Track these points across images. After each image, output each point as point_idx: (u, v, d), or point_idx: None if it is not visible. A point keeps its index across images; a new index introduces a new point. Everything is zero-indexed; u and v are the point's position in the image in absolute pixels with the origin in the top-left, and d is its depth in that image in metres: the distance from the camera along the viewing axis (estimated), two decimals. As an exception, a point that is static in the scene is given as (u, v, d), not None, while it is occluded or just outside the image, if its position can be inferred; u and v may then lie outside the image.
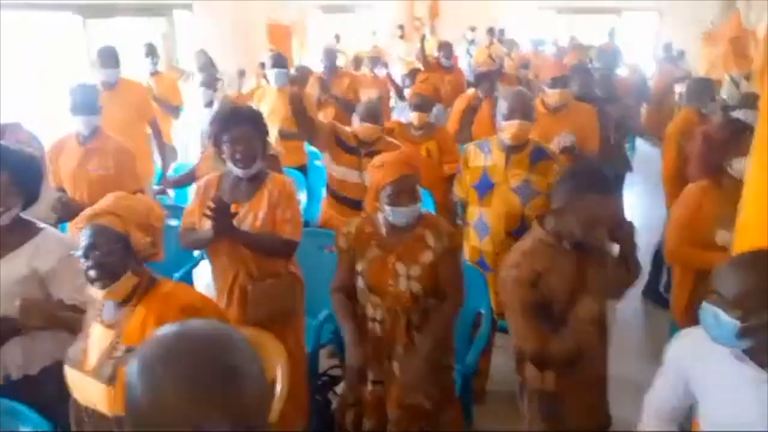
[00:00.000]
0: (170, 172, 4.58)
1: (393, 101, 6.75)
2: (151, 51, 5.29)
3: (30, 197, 2.16)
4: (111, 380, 1.69)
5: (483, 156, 2.95)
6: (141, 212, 1.83)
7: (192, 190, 2.67)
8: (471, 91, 5.41)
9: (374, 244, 2.31)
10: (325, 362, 3.28)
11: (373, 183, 2.30)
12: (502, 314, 2.97)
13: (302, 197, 4.61)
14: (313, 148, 3.68)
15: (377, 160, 2.35)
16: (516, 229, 2.87)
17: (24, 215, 2.15)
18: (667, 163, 3.92)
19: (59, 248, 2.12)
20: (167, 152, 4.46)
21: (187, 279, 3.72)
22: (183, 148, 4.92)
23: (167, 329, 0.91)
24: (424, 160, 4.03)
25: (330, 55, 5.47)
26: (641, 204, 6.71)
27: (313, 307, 3.31)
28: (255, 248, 2.43)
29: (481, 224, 2.94)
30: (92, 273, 1.73)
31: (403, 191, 2.21)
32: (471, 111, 5.31)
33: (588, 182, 1.88)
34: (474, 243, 2.99)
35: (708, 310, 1.46)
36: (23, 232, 2.11)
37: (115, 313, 1.80)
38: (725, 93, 6.53)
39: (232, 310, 2.53)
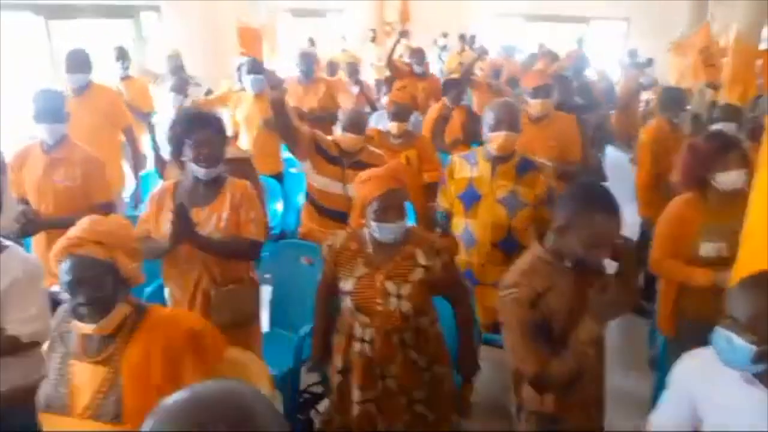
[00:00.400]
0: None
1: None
2: (121, 55, 5.09)
3: None
4: (116, 418, 1.59)
5: (469, 167, 2.90)
6: (123, 236, 1.73)
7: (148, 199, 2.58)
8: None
9: (361, 262, 2.23)
10: (305, 379, 3.17)
11: (359, 198, 2.24)
12: (488, 327, 2.95)
13: (278, 206, 4.49)
14: (292, 156, 3.54)
15: (364, 174, 2.27)
16: (502, 240, 2.83)
17: None
18: (641, 172, 3.95)
19: (17, 270, 1.98)
20: (140, 161, 4.28)
21: (159, 294, 3.57)
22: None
23: (179, 397, 0.82)
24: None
25: (307, 59, 5.35)
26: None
27: (293, 321, 3.22)
28: (221, 253, 2.42)
29: (467, 236, 2.89)
30: (83, 310, 1.62)
31: (389, 207, 2.14)
32: (442, 120, 5.29)
33: (593, 199, 1.84)
34: (460, 255, 2.93)
35: (721, 334, 1.42)
36: None
37: (102, 347, 1.68)
38: (694, 102, 6.68)
39: None
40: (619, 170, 7.80)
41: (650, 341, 3.93)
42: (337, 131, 3.35)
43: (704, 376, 1.56)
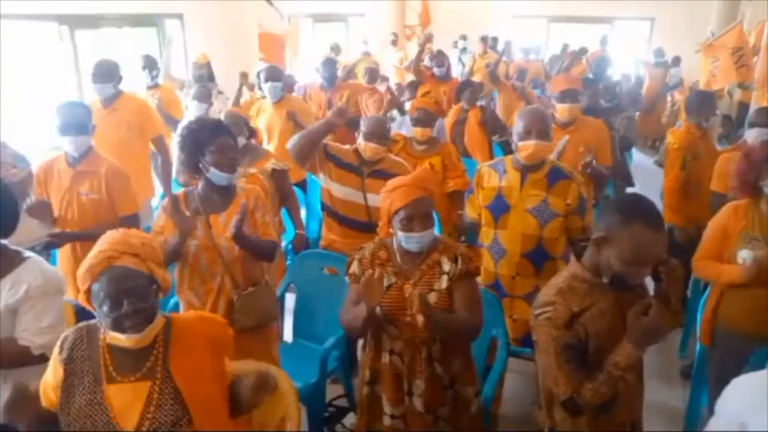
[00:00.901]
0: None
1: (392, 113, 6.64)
2: (149, 63, 5.08)
3: (5, 227, 2.03)
4: (175, 426, 1.64)
5: (497, 176, 2.82)
6: (155, 248, 1.75)
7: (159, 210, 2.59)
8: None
9: (390, 272, 2.18)
10: (330, 391, 3.12)
11: (385, 207, 2.19)
12: (518, 340, 2.87)
13: (301, 214, 4.45)
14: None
15: (391, 183, 2.23)
16: (532, 251, 2.75)
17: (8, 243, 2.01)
18: (670, 178, 3.83)
19: (36, 280, 1.96)
20: (169, 171, 4.26)
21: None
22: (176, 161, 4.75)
23: None
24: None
25: (330, 66, 5.31)
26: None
27: (317, 332, 3.17)
28: (258, 251, 2.49)
29: (497, 247, 2.81)
30: (129, 322, 1.61)
31: (416, 216, 2.10)
32: (460, 123, 5.23)
33: (637, 212, 1.72)
34: (489, 266, 2.86)
35: None
36: (4, 263, 1.97)
37: (139, 363, 1.67)
38: (724, 104, 6.51)
39: None
40: (644, 173, 7.65)
41: (681, 350, 3.82)
42: (360, 140, 3.29)
43: (754, 403, 1.46)
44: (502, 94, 6.65)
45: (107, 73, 3.90)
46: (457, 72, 9.68)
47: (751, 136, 3.43)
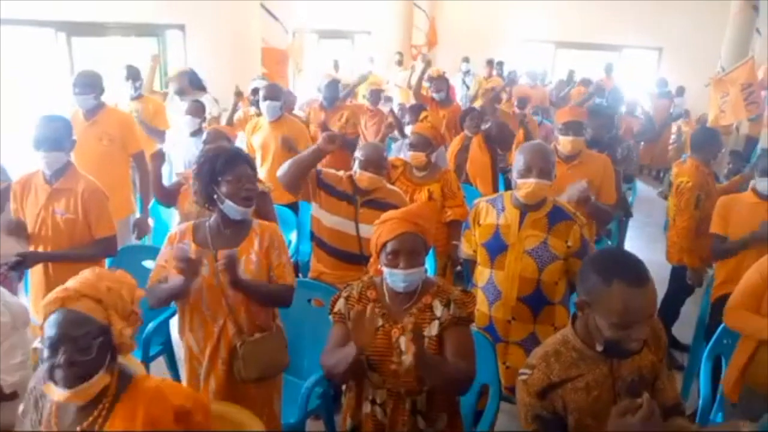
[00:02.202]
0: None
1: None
2: (131, 74, 4.94)
3: None
4: None
5: (495, 213, 2.67)
6: (124, 298, 1.56)
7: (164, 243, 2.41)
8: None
9: (378, 313, 2.02)
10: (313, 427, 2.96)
11: (374, 240, 2.06)
12: (511, 389, 2.70)
13: (292, 236, 4.31)
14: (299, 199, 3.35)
15: (383, 216, 2.09)
16: (529, 295, 2.60)
17: None
18: (684, 218, 3.71)
19: (4, 316, 1.83)
20: (148, 189, 4.12)
21: (164, 328, 3.40)
22: (166, 176, 4.61)
23: None
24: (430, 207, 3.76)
25: (332, 87, 5.18)
26: (642, 249, 6.48)
27: (300, 365, 3.01)
28: (266, 298, 2.30)
29: (492, 288, 2.66)
30: (59, 372, 1.44)
31: (402, 251, 1.96)
32: (463, 151, 5.11)
33: (613, 269, 1.58)
34: (483, 308, 2.70)
35: None
36: None
37: (78, 418, 1.51)
38: (732, 139, 6.41)
39: (216, 372, 2.30)
40: (648, 205, 7.54)
41: (684, 392, 3.64)
42: (355, 167, 3.14)
43: None
44: (503, 119, 6.52)
45: (88, 84, 3.75)
46: (461, 95, 9.60)
47: (765, 186, 3.24)
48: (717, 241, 3.28)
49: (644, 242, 6.61)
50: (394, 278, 1.98)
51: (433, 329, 1.99)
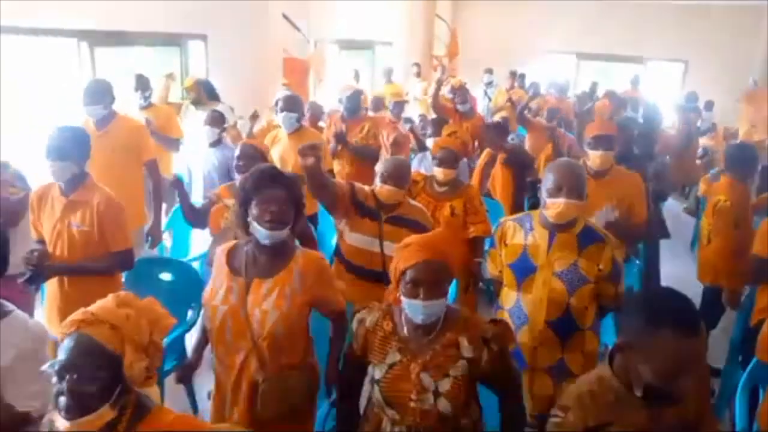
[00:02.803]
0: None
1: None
2: (141, 84, 4.89)
3: None
4: None
5: (523, 233, 2.55)
6: (143, 328, 1.47)
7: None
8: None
9: (395, 346, 1.92)
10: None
11: (392, 266, 1.94)
12: (535, 418, 2.58)
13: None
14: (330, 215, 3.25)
15: (404, 240, 1.97)
16: (558, 320, 2.46)
17: None
18: (724, 239, 3.55)
19: (21, 341, 1.76)
20: (160, 197, 4.06)
21: (179, 343, 3.34)
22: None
23: None
24: (448, 222, 3.66)
25: (355, 98, 5.10)
26: (668, 265, 6.29)
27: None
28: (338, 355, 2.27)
29: (518, 312, 2.54)
30: (62, 401, 1.37)
31: (423, 281, 1.83)
32: (489, 166, 5.01)
33: (665, 314, 1.44)
34: (508, 332, 2.58)
35: None
36: None
37: None
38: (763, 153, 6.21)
39: (238, 406, 2.18)
40: (673, 221, 7.32)
41: (719, 410, 3.47)
42: (377, 181, 3.06)
43: None
44: (531, 134, 6.41)
45: (97, 94, 3.70)
46: (482, 106, 9.50)
47: None
48: (758, 264, 3.12)
49: (668, 258, 6.41)
50: (413, 309, 1.86)
51: (458, 369, 1.87)
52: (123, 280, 3.30)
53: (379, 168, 3.10)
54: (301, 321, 2.19)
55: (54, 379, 1.40)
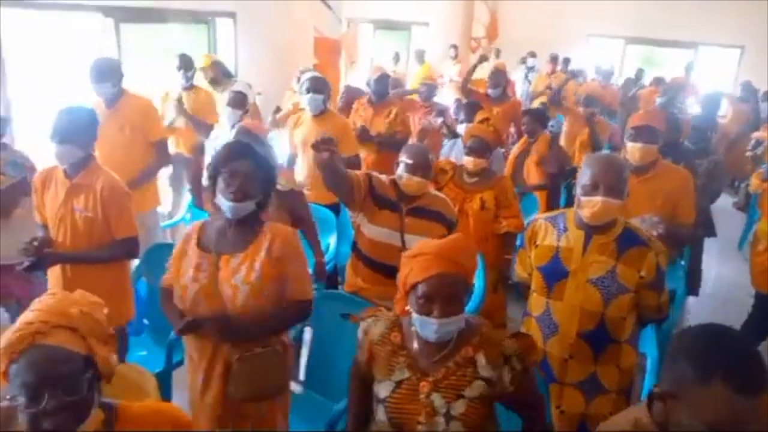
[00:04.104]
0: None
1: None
2: (183, 63, 4.77)
3: None
4: None
5: (555, 233, 2.30)
6: (100, 320, 1.38)
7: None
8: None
9: (403, 362, 1.72)
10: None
11: (402, 277, 1.73)
12: (565, 434, 2.36)
13: (331, 239, 4.07)
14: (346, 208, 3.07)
15: (416, 248, 1.76)
16: (591, 331, 2.22)
17: None
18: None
19: None
20: (156, 167, 3.93)
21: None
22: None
23: None
24: (478, 216, 3.43)
25: (382, 82, 4.86)
26: (715, 265, 5.93)
27: (330, 386, 2.76)
28: (273, 332, 2.12)
29: (547, 320, 2.30)
30: (51, 421, 1.23)
31: (437, 297, 1.63)
32: (524, 153, 4.73)
33: (718, 363, 1.19)
34: (536, 341, 2.34)
35: None
36: None
37: None
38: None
39: (212, 387, 2.13)
40: (722, 216, 6.91)
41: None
42: (399, 170, 2.84)
43: None
44: (569, 120, 6.08)
45: (105, 73, 3.55)
46: (522, 90, 9.15)
47: None
48: None
49: (715, 257, 6.05)
50: (426, 328, 1.66)
51: (475, 390, 1.65)
52: (135, 266, 3.21)
53: (402, 157, 2.87)
54: (273, 295, 2.10)
55: (23, 404, 1.24)
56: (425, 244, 1.75)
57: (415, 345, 1.72)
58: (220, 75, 5.21)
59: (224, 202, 2.04)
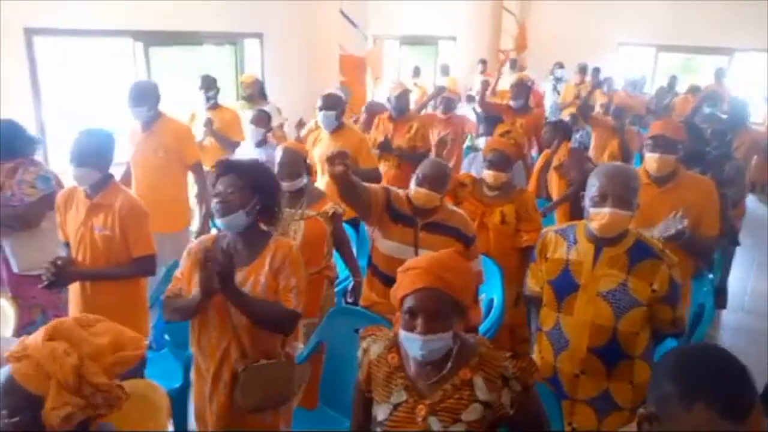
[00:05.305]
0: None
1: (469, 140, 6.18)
2: (206, 83, 4.91)
3: None
4: None
5: (565, 246, 2.26)
6: (70, 367, 1.29)
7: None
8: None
9: (401, 384, 1.69)
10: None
11: (392, 292, 1.72)
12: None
13: (352, 254, 4.08)
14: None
15: (409, 262, 1.74)
16: (603, 346, 2.17)
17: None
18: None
19: None
20: (208, 200, 4.01)
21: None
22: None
23: None
24: (498, 230, 3.39)
25: (402, 99, 4.88)
26: (752, 279, 5.72)
27: (344, 400, 2.74)
28: (255, 315, 2.09)
29: (558, 335, 2.26)
30: None
31: (420, 311, 1.59)
32: (547, 169, 4.67)
33: (700, 386, 1.14)
34: (547, 356, 2.31)
35: None
36: None
37: None
38: None
39: (218, 394, 2.19)
40: (758, 224, 6.68)
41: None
42: (412, 184, 2.84)
43: None
44: (596, 131, 5.99)
45: (142, 96, 3.68)
46: (551, 102, 9.06)
47: None
48: None
49: (749, 269, 5.85)
50: (410, 344, 1.62)
51: (472, 414, 1.61)
52: (158, 282, 3.28)
53: (417, 170, 2.88)
54: None
55: None
56: (418, 258, 1.74)
57: (412, 367, 1.70)
58: (256, 94, 5.35)
59: (216, 219, 2.14)
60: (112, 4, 4.92)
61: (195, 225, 4.89)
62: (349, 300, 3.27)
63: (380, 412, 1.71)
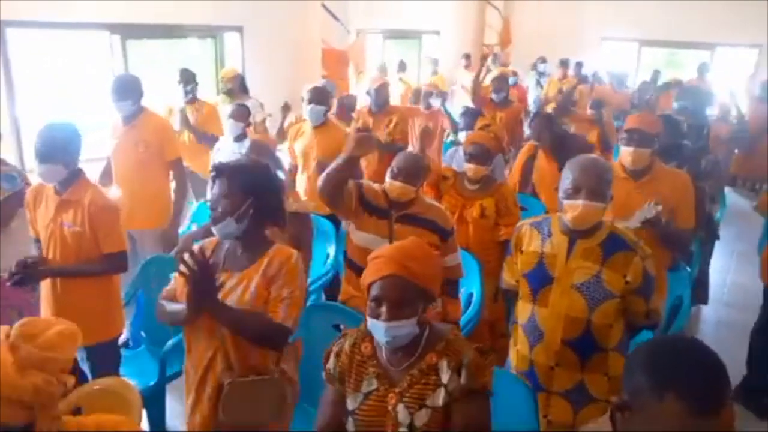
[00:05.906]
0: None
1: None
2: (184, 78, 4.84)
3: None
4: None
5: (540, 239, 2.26)
6: (56, 392, 1.28)
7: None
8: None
9: (372, 373, 1.69)
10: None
11: (361, 280, 1.72)
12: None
13: (331, 250, 4.06)
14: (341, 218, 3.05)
15: (376, 251, 1.73)
16: (577, 338, 2.17)
17: None
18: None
19: None
20: (180, 197, 3.95)
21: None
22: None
23: None
24: (477, 224, 3.38)
25: (382, 93, 4.85)
26: (732, 271, 5.77)
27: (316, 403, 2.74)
28: (238, 330, 1.94)
29: (533, 327, 2.26)
30: None
31: (384, 298, 1.60)
32: (531, 159, 4.66)
33: (672, 376, 1.13)
34: (522, 349, 2.31)
35: None
36: None
37: None
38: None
39: (201, 406, 2.03)
40: (740, 220, 6.75)
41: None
42: (387, 177, 2.83)
43: None
44: (575, 123, 6.00)
45: (125, 90, 3.61)
46: (534, 96, 9.08)
47: None
48: None
49: (733, 262, 5.90)
50: (376, 330, 1.64)
51: (437, 398, 1.61)
52: (132, 278, 3.23)
53: (393, 163, 2.86)
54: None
55: None
56: (384, 247, 1.74)
57: (385, 355, 1.70)
58: (238, 89, 5.29)
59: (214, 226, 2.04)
60: (89, -3, 4.85)
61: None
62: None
63: (350, 402, 1.71)
